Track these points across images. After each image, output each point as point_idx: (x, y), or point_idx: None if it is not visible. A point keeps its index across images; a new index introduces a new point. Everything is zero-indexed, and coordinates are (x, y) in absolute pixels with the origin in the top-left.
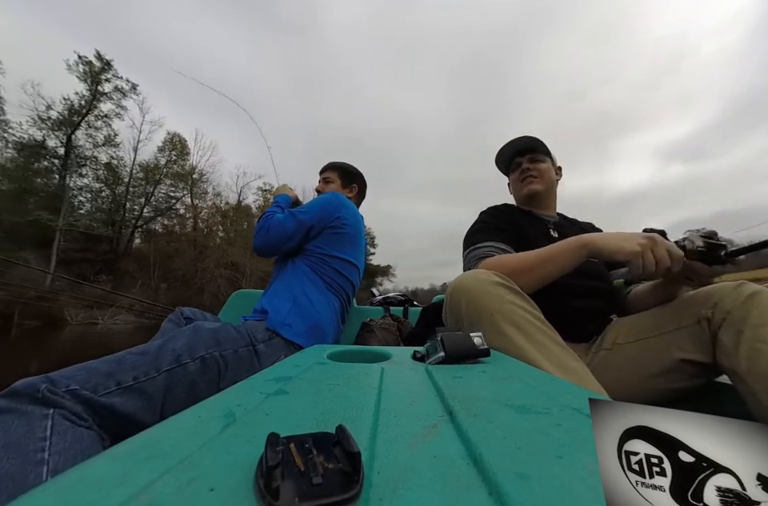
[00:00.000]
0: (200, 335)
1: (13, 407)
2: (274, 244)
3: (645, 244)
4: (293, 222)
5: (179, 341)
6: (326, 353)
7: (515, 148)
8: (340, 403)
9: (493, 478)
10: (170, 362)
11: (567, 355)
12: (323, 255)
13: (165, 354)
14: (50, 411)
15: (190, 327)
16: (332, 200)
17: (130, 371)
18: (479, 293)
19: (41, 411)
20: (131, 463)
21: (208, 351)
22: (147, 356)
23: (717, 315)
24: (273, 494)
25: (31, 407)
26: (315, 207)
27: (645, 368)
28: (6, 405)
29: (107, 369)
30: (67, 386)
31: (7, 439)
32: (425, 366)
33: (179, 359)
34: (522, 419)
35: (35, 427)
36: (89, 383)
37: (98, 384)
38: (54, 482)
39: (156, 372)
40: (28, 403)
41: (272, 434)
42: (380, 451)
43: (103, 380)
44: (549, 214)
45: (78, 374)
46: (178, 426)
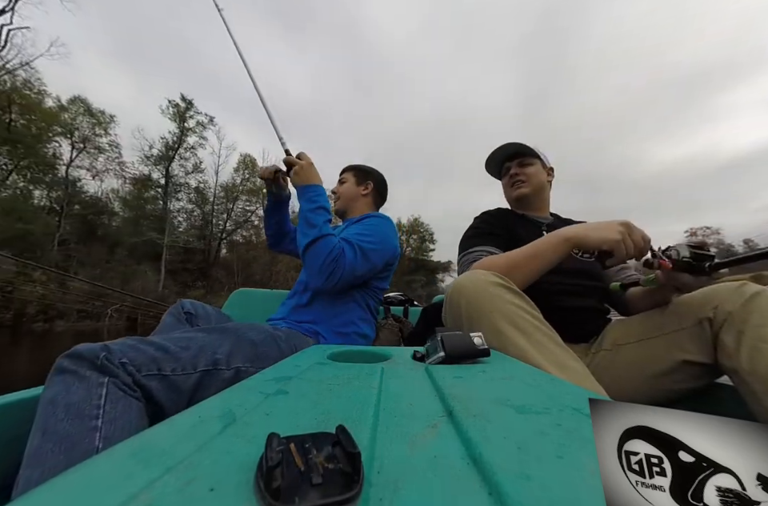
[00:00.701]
0: (241, 346)
1: (74, 369)
2: (339, 287)
3: (623, 231)
4: (364, 265)
5: (223, 346)
6: (326, 353)
7: (504, 153)
8: (340, 403)
9: (493, 478)
10: (207, 363)
11: (567, 355)
12: (376, 289)
13: (205, 354)
14: (105, 379)
15: (231, 330)
16: (390, 230)
17: (171, 362)
18: (478, 293)
19: (97, 379)
20: (131, 463)
21: (245, 364)
22: (189, 352)
23: (718, 315)
24: (273, 494)
25: (90, 372)
26: (380, 243)
27: (645, 369)
28: (68, 365)
29: (152, 354)
30: (120, 358)
31: (69, 399)
32: (425, 366)
33: (217, 363)
34: (522, 419)
35: (92, 394)
36: (136, 361)
37: (143, 365)
38: (54, 482)
39: (193, 370)
40: (87, 367)
41: (272, 434)
42: (380, 451)
43: (148, 362)
44: (541, 216)
45: (129, 351)
46: (178, 426)
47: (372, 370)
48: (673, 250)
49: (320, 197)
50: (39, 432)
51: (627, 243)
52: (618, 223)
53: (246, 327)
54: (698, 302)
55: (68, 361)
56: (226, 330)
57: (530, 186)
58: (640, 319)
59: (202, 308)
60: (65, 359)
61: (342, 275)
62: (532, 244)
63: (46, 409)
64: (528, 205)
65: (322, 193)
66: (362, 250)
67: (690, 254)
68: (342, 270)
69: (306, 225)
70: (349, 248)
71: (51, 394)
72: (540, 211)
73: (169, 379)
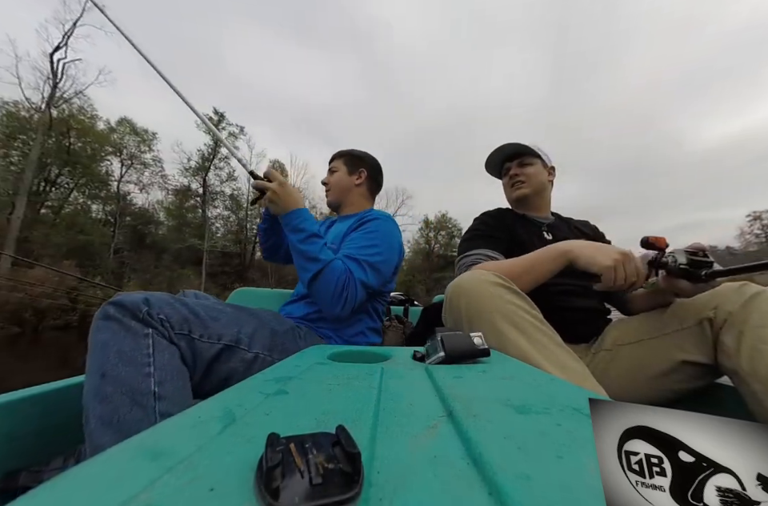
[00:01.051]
0: (263, 332)
1: (119, 317)
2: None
3: (618, 259)
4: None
5: (249, 326)
6: (326, 353)
7: (504, 153)
8: (340, 403)
9: (493, 478)
10: (231, 339)
11: (567, 355)
12: (384, 293)
13: (231, 329)
14: (149, 330)
15: (255, 314)
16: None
17: (200, 328)
18: (478, 293)
19: (142, 330)
20: (131, 463)
21: (264, 352)
22: (217, 323)
23: (719, 316)
24: (273, 494)
25: (134, 323)
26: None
27: (645, 369)
28: (114, 313)
29: (186, 315)
30: (158, 314)
31: (120, 346)
32: (425, 366)
33: (239, 342)
34: (522, 419)
35: (140, 344)
36: (172, 318)
37: (176, 323)
38: (54, 482)
39: (217, 340)
40: (131, 318)
41: (272, 434)
42: (380, 451)
43: (181, 321)
44: (542, 216)
45: (166, 307)
46: (178, 426)
47: (372, 370)
48: (670, 257)
49: (306, 222)
50: (97, 374)
51: (618, 273)
52: (617, 251)
53: (270, 315)
54: (699, 302)
55: (113, 309)
56: (252, 313)
57: (529, 186)
58: (640, 319)
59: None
60: (110, 306)
61: (357, 298)
62: (531, 254)
63: (100, 352)
64: (528, 205)
65: (306, 217)
66: (371, 266)
67: (686, 260)
68: (355, 293)
69: (302, 259)
70: (356, 267)
71: (103, 338)
72: (540, 211)
73: (195, 343)
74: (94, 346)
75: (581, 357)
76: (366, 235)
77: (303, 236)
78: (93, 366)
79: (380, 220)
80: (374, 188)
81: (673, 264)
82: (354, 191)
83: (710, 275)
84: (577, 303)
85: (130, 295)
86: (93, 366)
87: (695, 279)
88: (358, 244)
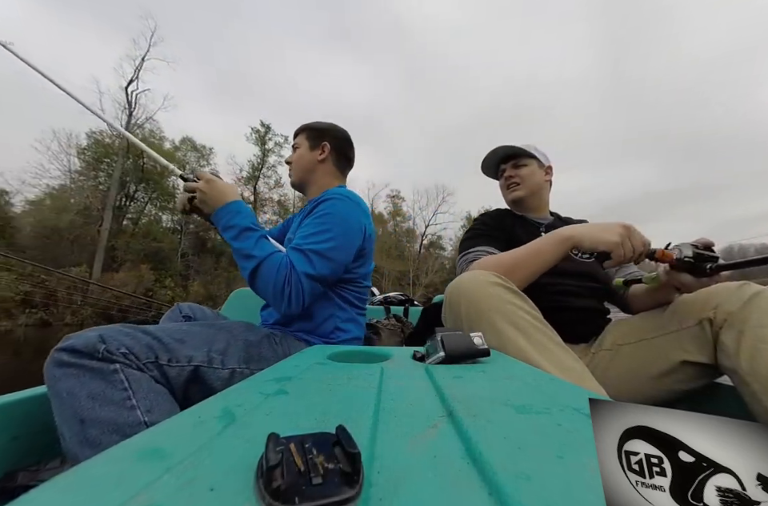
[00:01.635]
0: (236, 345)
1: (75, 361)
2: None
3: (622, 234)
4: (327, 269)
5: (219, 342)
6: (326, 353)
7: (498, 156)
8: (340, 403)
9: (493, 478)
10: (202, 359)
11: (567, 355)
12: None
13: (200, 350)
14: (116, 366)
15: (226, 328)
16: (350, 209)
17: (167, 353)
18: (478, 294)
19: (107, 367)
20: (131, 463)
21: (240, 366)
22: (183, 345)
23: (719, 315)
24: (273, 494)
25: (96, 362)
26: (341, 235)
27: (645, 370)
28: (69, 359)
29: (149, 342)
30: (118, 348)
31: (88, 390)
32: (425, 366)
33: (211, 361)
34: (521, 419)
35: (111, 381)
36: (134, 349)
37: (141, 353)
38: (55, 482)
39: (187, 363)
40: (90, 359)
41: (272, 434)
42: (380, 451)
43: (146, 350)
44: (540, 216)
45: (126, 339)
46: (178, 426)
47: (372, 370)
48: (676, 250)
49: (237, 217)
50: (75, 421)
51: (626, 246)
52: (618, 225)
53: (241, 327)
54: (699, 302)
55: (67, 355)
56: (222, 327)
57: (524, 188)
58: (640, 319)
59: (200, 311)
60: (62, 353)
61: (304, 293)
62: (532, 243)
63: (70, 401)
64: (525, 207)
65: (238, 210)
66: (318, 255)
67: (692, 253)
68: (300, 288)
69: (238, 257)
70: (299, 259)
71: (66, 387)
72: (538, 212)
73: (164, 369)
74: (59, 396)
75: (580, 357)
76: (316, 221)
77: (235, 232)
78: (65, 415)
79: (333, 200)
80: (343, 163)
81: (679, 257)
82: (318, 169)
83: (716, 269)
84: (576, 303)
85: (80, 337)
86: (65, 415)
87: (699, 274)
88: (306, 232)
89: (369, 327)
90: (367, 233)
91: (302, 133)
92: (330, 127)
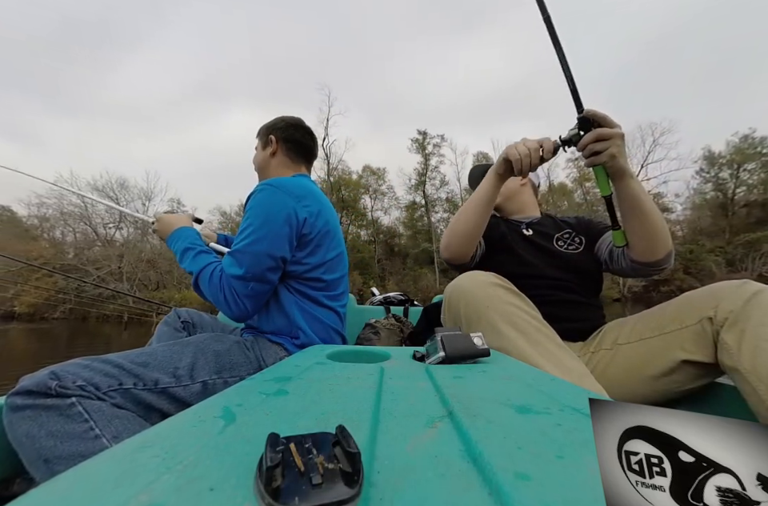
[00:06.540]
0: (204, 357)
1: (30, 403)
2: (261, 302)
3: (511, 145)
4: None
5: (185, 358)
6: (325, 353)
7: (480, 171)
8: (340, 403)
9: (493, 478)
10: (170, 381)
11: (566, 354)
12: (307, 271)
13: (165, 371)
14: (72, 399)
15: (192, 343)
16: (273, 197)
17: (131, 378)
18: (477, 294)
19: (63, 402)
20: (131, 463)
21: (211, 377)
22: (147, 369)
23: (720, 314)
24: (273, 494)
25: (50, 400)
26: (263, 225)
27: (645, 369)
28: (22, 402)
29: (108, 371)
30: (74, 382)
31: (47, 428)
32: (425, 366)
33: (179, 379)
34: (522, 419)
35: (69, 415)
36: (93, 380)
37: (101, 383)
38: (54, 482)
39: (154, 386)
40: (45, 397)
41: (272, 434)
42: (380, 451)
43: (106, 379)
44: (524, 216)
45: (82, 372)
46: (178, 426)
47: (372, 370)
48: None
49: (178, 241)
50: (39, 462)
51: (519, 147)
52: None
53: (209, 338)
54: (699, 301)
55: (20, 399)
56: (188, 343)
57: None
58: (640, 318)
59: (198, 316)
60: (16, 397)
61: (238, 294)
62: None
63: (30, 444)
64: (505, 211)
65: (179, 236)
66: (242, 254)
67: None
68: (233, 292)
69: (190, 274)
70: (228, 262)
71: (24, 430)
72: (521, 213)
73: (132, 393)
74: (18, 441)
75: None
76: (244, 220)
77: (178, 255)
78: (29, 458)
79: (255, 193)
80: (295, 149)
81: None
82: (270, 164)
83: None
84: (567, 297)
85: (32, 378)
86: (29, 458)
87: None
88: (237, 235)
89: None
90: (301, 217)
91: (257, 136)
92: (274, 121)
